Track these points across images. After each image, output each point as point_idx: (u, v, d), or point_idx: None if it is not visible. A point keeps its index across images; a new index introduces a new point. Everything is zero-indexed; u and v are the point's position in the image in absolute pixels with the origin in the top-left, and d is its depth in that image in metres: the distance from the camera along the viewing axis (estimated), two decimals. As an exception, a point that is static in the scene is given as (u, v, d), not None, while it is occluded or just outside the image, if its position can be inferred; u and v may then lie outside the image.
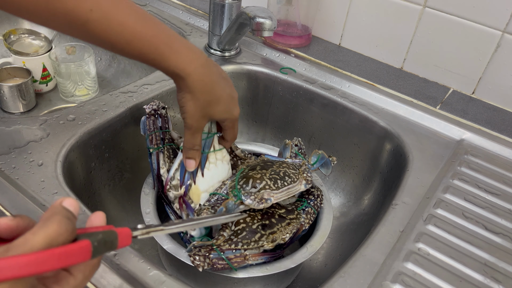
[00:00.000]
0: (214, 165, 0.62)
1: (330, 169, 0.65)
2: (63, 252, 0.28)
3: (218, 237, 0.54)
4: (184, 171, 0.60)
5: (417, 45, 0.86)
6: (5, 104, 0.90)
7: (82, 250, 0.29)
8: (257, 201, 0.55)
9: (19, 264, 0.26)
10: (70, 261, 0.29)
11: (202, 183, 0.60)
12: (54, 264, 0.27)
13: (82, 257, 0.29)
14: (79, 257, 0.29)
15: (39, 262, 0.26)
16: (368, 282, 0.50)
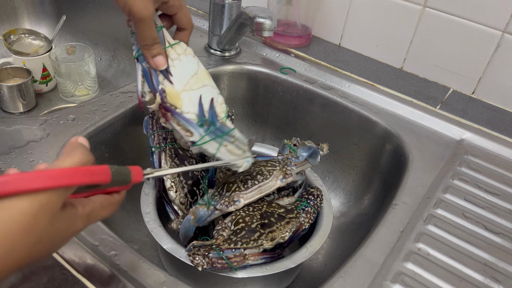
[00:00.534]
0: (178, 60, 0.56)
1: (318, 158, 0.63)
2: (88, 170, 0.33)
3: (218, 237, 0.54)
4: (151, 78, 0.53)
5: (417, 45, 0.86)
6: (5, 104, 0.90)
7: (103, 170, 0.34)
8: (226, 205, 0.57)
9: (53, 175, 0.30)
10: (93, 178, 0.33)
11: (175, 83, 0.54)
12: (80, 179, 0.32)
13: (103, 177, 0.34)
14: (100, 176, 0.34)
15: (68, 175, 0.31)
16: (368, 282, 0.50)
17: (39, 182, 0.29)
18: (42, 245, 0.31)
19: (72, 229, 0.34)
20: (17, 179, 0.28)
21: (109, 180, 0.35)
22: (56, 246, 0.34)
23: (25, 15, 1.19)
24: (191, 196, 0.64)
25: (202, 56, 0.87)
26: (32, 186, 0.29)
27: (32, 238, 0.30)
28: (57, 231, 0.32)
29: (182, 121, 0.54)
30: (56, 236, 0.32)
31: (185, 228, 0.56)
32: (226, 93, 0.88)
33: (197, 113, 0.55)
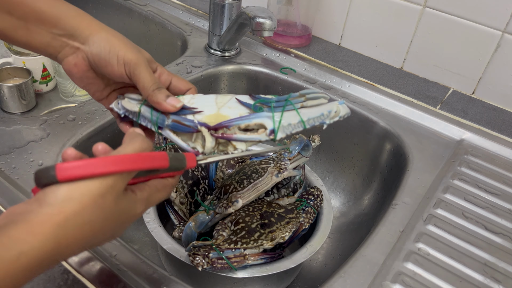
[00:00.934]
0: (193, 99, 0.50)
1: (311, 150, 0.63)
2: (149, 156, 0.36)
3: (218, 237, 0.54)
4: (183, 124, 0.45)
5: (417, 45, 0.86)
6: (5, 104, 0.90)
7: (162, 156, 0.37)
8: (224, 207, 0.57)
9: (120, 160, 0.33)
10: (153, 163, 0.36)
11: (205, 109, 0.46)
12: (142, 164, 0.35)
13: (162, 162, 0.37)
14: (160, 161, 0.37)
15: (132, 160, 0.34)
16: (368, 282, 0.50)
17: (107, 167, 0.33)
18: (110, 222, 0.35)
19: (133, 212, 0.37)
20: (89, 164, 0.32)
21: (167, 165, 0.37)
22: (120, 227, 0.37)
23: (25, 15, 1.19)
24: (191, 196, 0.64)
25: (202, 56, 0.87)
26: (100, 171, 0.32)
27: (102, 214, 0.33)
28: (121, 211, 0.35)
29: (242, 122, 0.44)
30: (120, 216, 0.35)
31: (187, 235, 0.56)
32: (226, 93, 0.88)
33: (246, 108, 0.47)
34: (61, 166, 0.31)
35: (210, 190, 0.68)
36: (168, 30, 0.97)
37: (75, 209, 0.31)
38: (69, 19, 0.46)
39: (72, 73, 0.48)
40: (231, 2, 0.82)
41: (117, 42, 0.46)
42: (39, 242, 0.30)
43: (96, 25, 0.48)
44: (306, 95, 0.48)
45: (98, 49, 0.46)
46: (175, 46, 0.97)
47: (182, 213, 0.62)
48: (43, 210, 0.31)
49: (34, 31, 0.46)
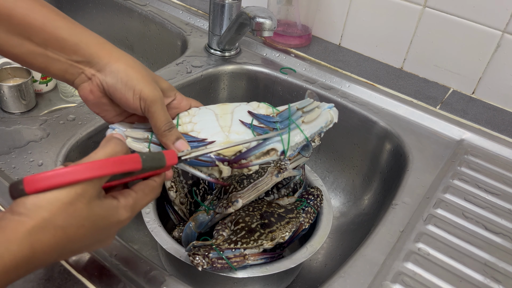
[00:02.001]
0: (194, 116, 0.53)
1: (311, 150, 0.63)
2: (117, 160, 0.35)
3: (218, 237, 0.54)
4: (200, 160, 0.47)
5: (417, 45, 0.86)
6: (5, 104, 0.90)
7: (133, 159, 0.36)
8: (224, 207, 0.57)
9: (86, 168, 0.33)
10: (124, 167, 0.35)
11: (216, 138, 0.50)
12: (111, 169, 0.35)
13: (134, 165, 0.36)
14: (131, 164, 0.36)
15: (100, 166, 0.34)
16: (368, 282, 0.50)
17: (73, 175, 0.33)
18: (86, 229, 0.35)
19: (115, 218, 0.37)
20: (55, 174, 0.32)
21: (140, 167, 0.37)
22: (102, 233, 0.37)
23: (25, 15, 1.19)
24: (191, 196, 0.64)
25: (202, 56, 0.87)
26: (67, 180, 0.33)
27: (74, 220, 0.34)
28: (98, 217, 0.35)
29: (258, 151, 0.48)
30: (98, 222, 0.35)
31: (187, 235, 0.56)
32: (226, 93, 0.88)
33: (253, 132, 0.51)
34: (28, 179, 0.32)
35: (210, 190, 0.68)
36: (168, 30, 0.97)
37: (44, 216, 0.32)
38: (88, 46, 0.46)
39: (88, 99, 0.48)
40: (231, 2, 0.82)
41: (134, 75, 0.46)
42: (14, 246, 0.31)
43: (116, 53, 0.47)
44: (303, 108, 0.53)
45: (114, 80, 0.46)
46: (175, 46, 0.97)
47: (182, 213, 0.62)
48: (14, 217, 0.32)
49: (53, 57, 0.46)
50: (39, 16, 0.44)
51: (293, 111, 0.53)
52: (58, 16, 0.46)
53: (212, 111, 0.54)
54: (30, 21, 0.44)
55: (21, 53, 0.45)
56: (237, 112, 0.54)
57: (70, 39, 0.45)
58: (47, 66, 0.46)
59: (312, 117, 0.53)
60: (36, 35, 0.44)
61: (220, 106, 0.55)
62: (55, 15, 0.45)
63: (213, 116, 0.53)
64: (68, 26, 0.46)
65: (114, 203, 0.37)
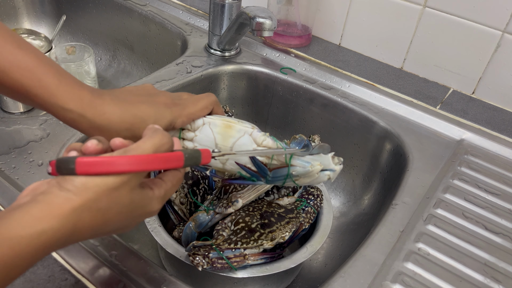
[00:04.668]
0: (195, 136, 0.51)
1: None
2: (165, 157, 0.37)
3: (218, 237, 0.54)
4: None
5: (417, 45, 0.86)
6: (5, 104, 0.90)
7: (178, 157, 0.38)
8: (224, 207, 0.57)
9: (136, 161, 0.35)
10: (169, 164, 0.37)
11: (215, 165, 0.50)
12: (158, 165, 0.36)
13: (177, 163, 0.38)
14: (175, 162, 0.38)
15: (149, 161, 0.35)
16: (368, 282, 0.50)
17: (122, 166, 0.34)
18: (123, 215, 0.37)
19: (149, 208, 0.39)
20: (106, 162, 0.34)
21: (182, 165, 0.38)
22: (133, 221, 0.39)
23: (25, 15, 1.19)
24: (191, 196, 0.64)
25: (202, 56, 0.87)
26: (116, 169, 0.34)
27: (115, 206, 0.35)
28: (136, 206, 0.37)
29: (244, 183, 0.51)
30: (134, 210, 0.38)
31: (187, 235, 0.56)
32: (226, 93, 0.88)
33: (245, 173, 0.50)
34: (81, 161, 0.33)
35: (210, 190, 0.68)
36: (168, 30, 0.97)
37: (90, 197, 0.34)
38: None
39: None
40: (231, 2, 0.82)
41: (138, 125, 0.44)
42: (58, 223, 0.32)
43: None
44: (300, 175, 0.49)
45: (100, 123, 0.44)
46: (175, 46, 0.97)
47: (182, 213, 0.62)
48: (62, 193, 0.33)
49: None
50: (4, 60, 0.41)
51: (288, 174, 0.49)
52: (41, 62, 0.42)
53: (213, 137, 0.50)
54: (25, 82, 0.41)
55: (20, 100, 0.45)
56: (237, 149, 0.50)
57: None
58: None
59: (305, 180, 0.50)
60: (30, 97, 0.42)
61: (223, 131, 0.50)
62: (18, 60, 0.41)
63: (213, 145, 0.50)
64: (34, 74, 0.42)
65: (150, 194, 0.38)
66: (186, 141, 0.51)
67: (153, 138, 0.37)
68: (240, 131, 0.50)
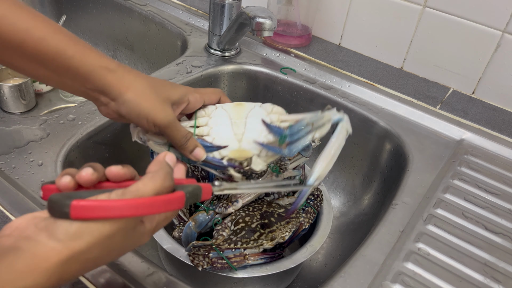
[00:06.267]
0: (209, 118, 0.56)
1: (311, 150, 0.63)
2: (166, 200, 0.35)
3: (218, 237, 0.54)
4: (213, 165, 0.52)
5: (417, 45, 0.86)
6: (5, 104, 0.90)
7: (179, 199, 0.35)
8: (224, 207, 0.57)
9: (136, 205, 0.33)
10: (170, 207, 0.35)
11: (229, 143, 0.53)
12: (159, 209, 0.34)
13: (179, 205, 0.36)
14: (176, 204, 0.35)
15: (149, 205, 0.33)
16: (368, 282, 0.50)
17: (122, 211, 0.32)
18: (113, 256, 0.36)
19: (138, 243, 0.37)
20: (104, 206, 0.32)
21: (183, 206, 0.36)
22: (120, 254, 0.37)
23: (25, 15, 1.19)
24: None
25: (202, 56, 0.87)
26: (115, 214, 0.32)
27: (107, 252, 0.34)
28: (127, 245, 0.36)
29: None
30: (124, 248, 0.36)
31: (186, 235, 0.56)
32: (226, 93, 0.88)
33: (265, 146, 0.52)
34: (77, 206, 0.31)
35: (210, 190, 0.68)
36: (168, 30, 0.97)
37: (81, 248, 0.31)
38: (100, 76, 0.46)
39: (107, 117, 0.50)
40: (231, 2, 0.82)
41: (145, 104, 0.48)
42: (43, 278, 0.30)
43: (127, 80, 0.48)
44: (313, 123, 0.53)
45: (127, 110, 0.48)
46: (175, 46, 0.97)
47: (182, 213, 0.62)
48: (50, 243, 0.31)
49: (67, 83, 0.47)
50: (51, 44, 0.44)
51: (303, 124, 0.53)
52: (70, 42, 0.45)
53: (228, 114, 0.56)
54: (42, 49, 0.44)
55: (37, 75, 0.46)
56: (251, 118, 0.55)
57: (82, 69, 0.45)
58: (64, 88, 0.48)
59: (323, 131, 0.54)
60: (49, 63, 0.44)
61: (235, 108, 0.57)
62: (68, 40, 0.45)
63: (228, 121, 0.55)
64: (80, 53, 0.45)
65: (141, 230, 0.36)
66: (201, 127, 0.54)
67: (155, 180, 0.35)
68: (250, 105, 0.57)
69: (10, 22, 0.42)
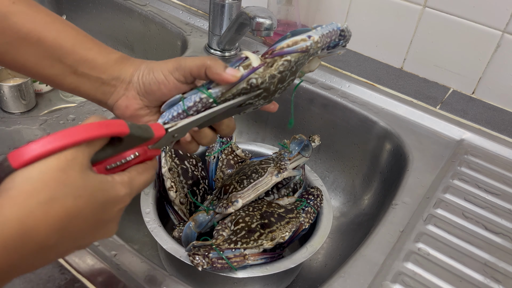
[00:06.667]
0: None
1: (310, 150, 0.63)
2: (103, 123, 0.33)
3: (218, 237, 0.54)
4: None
5: (417, 45, 0.86)
6: (5, 104, 0.90)
7: (119, 122, 0.34)
8: (224, 207, 0.57)
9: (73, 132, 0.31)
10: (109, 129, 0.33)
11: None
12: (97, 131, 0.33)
13: (121, 128, 0.34)
14: (117, 127, 0.34)
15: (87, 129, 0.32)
16: (368, 282, 0.50)
17: (58, 141, 0.31)
18: (84, 201, 0.32)
19: (113, 192, 0.34)
20: (39, 143, 0.30)
21: (127, 130, 0.35)
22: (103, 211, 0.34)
23: (25, 15, 1.19)
24: (190, 197, 0.64)
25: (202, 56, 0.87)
26: (53, 146, 0.30)
27: (69, 190, 0.31)
28: (95, 188, 0.33)
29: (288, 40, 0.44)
30: (96, 193, 0.33)
31: (186, 235, 0.56)
32: (226, 93, 0.88)
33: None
34: (13, 154, 0.30)
35: (210, 190, 0.68)
36: (168, 30, 0.97)
37: (36, 186, 0.29)
38: (116, 63, 0.47)
39: (125, 116, 0.48)
40: (231, 2, 0.82)
41: (154, 64, 0.47)
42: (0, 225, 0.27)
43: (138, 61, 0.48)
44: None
45: (144, 79, 0.46)
46: (175, 46, 0.97)
47: (182, 213, 0.62)
48: (2, 195, 0.29)
49: (84, 77, 0.46)
50: (69, 38, 0.45)
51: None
52: (86, 38, 0.47)
53: None
54: (61, 43, 0.44)
55: (51, 74, 0.46)
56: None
57: (100, 58, 0.46)
58: (78, 86, 0.47)
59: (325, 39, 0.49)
60: (66, 56, 0.45)
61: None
62: (83, 36, 0.46)
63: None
64: (97, 47, 0.47)
65: (108, 178, 0.34)
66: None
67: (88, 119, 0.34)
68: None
69: (30, 17, 0.43)
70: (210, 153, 0.70)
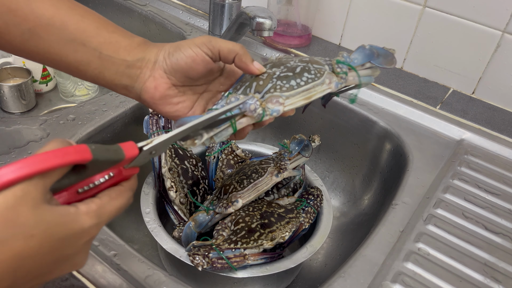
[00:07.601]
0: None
1: (311, 150, 0.63)
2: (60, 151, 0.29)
3: (218, 237, 0.54)
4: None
5: (417, 45, 0.86)
6: (5, 104, 0.90)
7: (79, 148, 0.30)
8: (224, 207, 0.57)
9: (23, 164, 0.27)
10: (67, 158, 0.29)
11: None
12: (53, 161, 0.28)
13: (81, 154, 0.30)
14: (76, 154, 0.30)
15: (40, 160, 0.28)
16: (368, 282, 0.50)
17: (7, 175, 0.27)
18: (37, 240, 0.28)
19: (76, 225, 0.31)
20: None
21: (89, 157, 0.30)
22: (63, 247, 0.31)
23: (25, 15, 1.19)
24: (190, 197, 0.64)
25: (202, 56, 0.87)
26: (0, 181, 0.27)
27: (18, 229, 0.27)
28: (51, 224, 0.29)
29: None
30: (52, 230, 0.29)
31: (186, 235, 0.56)
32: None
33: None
34: None
35: (210, 190, 0.68)
36: (168, 30, 0.97)
37: None
38: (140, 46, 0.46)
39: (155, 99, 0.46)
40: (231, 2, 0.82)
41: (181, 42, 0.46)
42: None
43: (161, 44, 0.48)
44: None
45: (171, 56, 0.45)
46: (175, 46, 0.97)
47: (182, 213, 0.62)
48: None
49: (108, 61, 0.45)
50: (92, 21, 0.45)
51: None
52: (108, 22, 0.47)
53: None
54: (84, 27, 0.44)
55: (75, 60, 0.44)
56: None
57: (124, 40, 0.46)
58: (102, 72, 0.45)
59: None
60: (91, 39, 0.44)
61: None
62: (105, 21, 0.46)
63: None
64: (119, 30, 0.47)
65: (71, 209, 0.31)
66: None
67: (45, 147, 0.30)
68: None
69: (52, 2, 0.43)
70: (210, 153, 0.70)
